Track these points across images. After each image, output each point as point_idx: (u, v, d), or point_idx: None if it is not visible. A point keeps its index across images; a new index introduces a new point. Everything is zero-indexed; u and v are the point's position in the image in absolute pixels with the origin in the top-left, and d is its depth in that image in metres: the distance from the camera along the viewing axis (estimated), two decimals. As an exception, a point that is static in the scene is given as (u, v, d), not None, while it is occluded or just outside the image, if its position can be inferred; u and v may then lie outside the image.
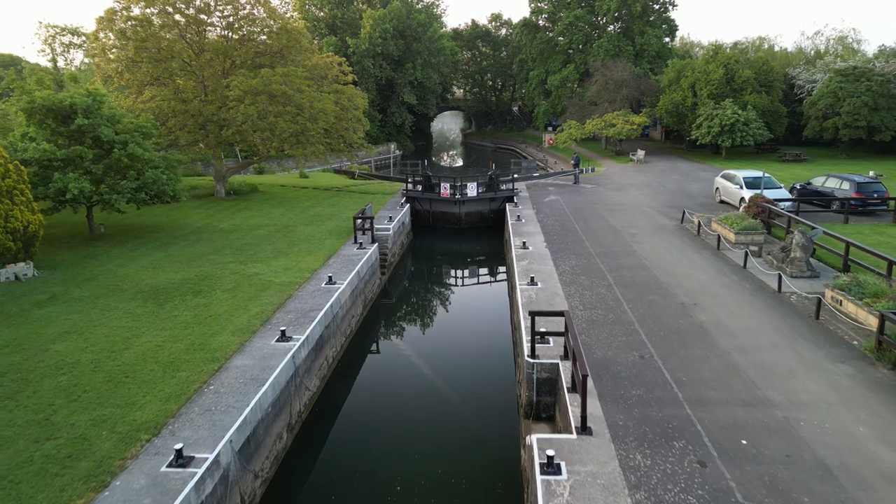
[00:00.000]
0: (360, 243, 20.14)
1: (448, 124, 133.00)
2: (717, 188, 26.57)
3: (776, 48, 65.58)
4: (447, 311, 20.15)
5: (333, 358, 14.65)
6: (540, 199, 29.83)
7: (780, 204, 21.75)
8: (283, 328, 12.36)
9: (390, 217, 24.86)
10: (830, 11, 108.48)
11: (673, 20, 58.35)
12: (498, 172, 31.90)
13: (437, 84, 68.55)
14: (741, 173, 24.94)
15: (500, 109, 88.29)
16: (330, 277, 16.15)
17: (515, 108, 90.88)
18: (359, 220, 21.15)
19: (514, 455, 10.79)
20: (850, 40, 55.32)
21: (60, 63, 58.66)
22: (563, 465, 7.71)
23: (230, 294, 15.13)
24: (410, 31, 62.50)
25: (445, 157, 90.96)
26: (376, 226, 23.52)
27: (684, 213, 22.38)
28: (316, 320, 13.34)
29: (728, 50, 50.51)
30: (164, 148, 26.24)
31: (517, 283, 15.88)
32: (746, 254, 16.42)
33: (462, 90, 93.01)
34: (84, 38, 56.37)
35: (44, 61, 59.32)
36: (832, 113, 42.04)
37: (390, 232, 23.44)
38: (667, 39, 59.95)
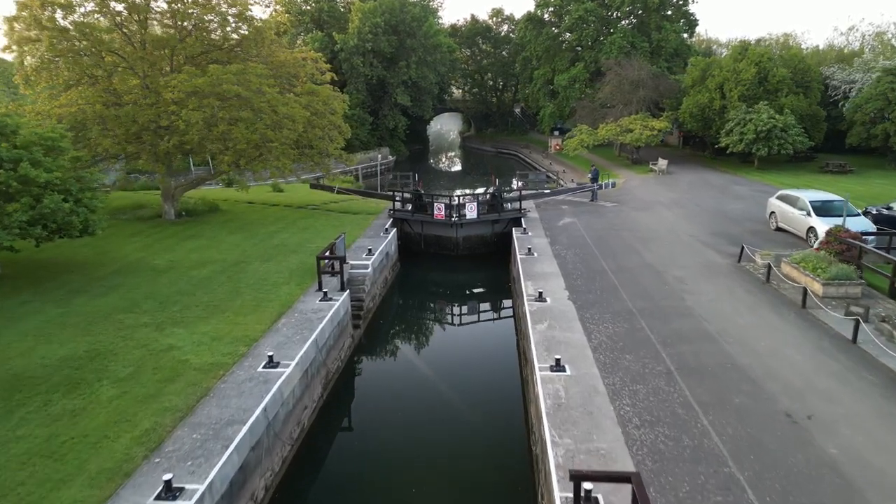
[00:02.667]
0: (326, 293, 15.59)
1: (446, 125, 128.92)
2: (773, 212, 22.09)
3: (803, 46, 61.31)
4: (440, 381, 15.57)
5: (265, 489, 10.10)
6: (553, 221, 25.33)
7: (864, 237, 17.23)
8: (168, 476, 7.80)
9: (370, 249, 20.34)
10: (862, 5, 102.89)
11: (692, 14, 54.09)
12: (502, 189, 27.40)
13: (434, 84, 64.17)
14: (805, 195, 20.47)
15: (502, 111, 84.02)
16: (271, 357, 11.61)
17: (517, 110, 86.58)
18: (326, 261, 16.65)
19: None
20: (890, 36, 50.97)
21: None
22: None
23: (120, 389, 10.60)
24: (404, 25, 58.10)
25: (443, 159, 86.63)
26: (353, 261, 19.09)
27: (743, 248, 17.88)
28: (233, 446, 8.82)
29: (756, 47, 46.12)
30: (90, 164, 21.74)
31: (535, 365, 11.38)
32: (857, 324, 11.90)
33: (461, 90, 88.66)
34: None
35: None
36: (881, 118, 37.61)
37: (369, 270, 18.95)
38: (685, 35, 55.61)
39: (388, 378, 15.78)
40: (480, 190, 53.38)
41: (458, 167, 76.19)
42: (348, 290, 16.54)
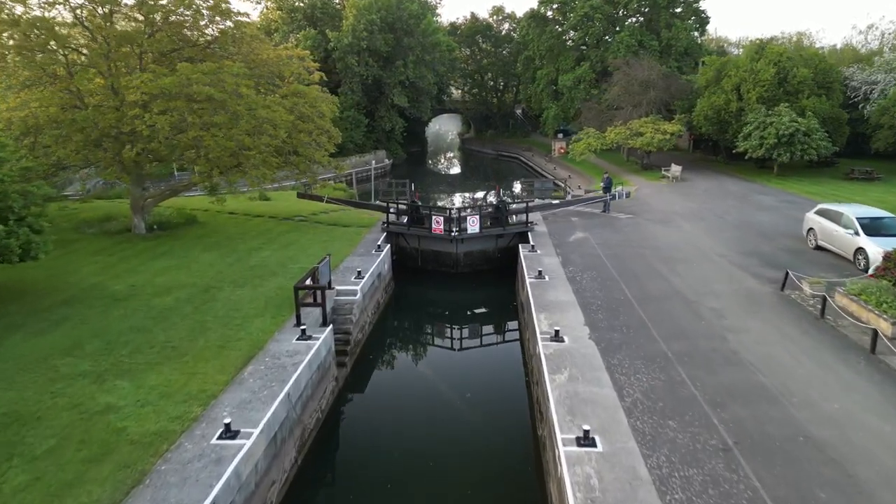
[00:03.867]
0: (304, 330, 13.37)
1: (445, 125, 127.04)
2: (811, 228, 19.93)
3: (817, 45, 59.30)
4: (438, 433, 13.33)
5: None
6: (563, 236, 23.14)
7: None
8: None
9: (359, 272, 18.11)
10: (880, 4, 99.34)
11: (703, 11, 52.03)
12: (507, 202, 25.20)
13: (432, 84, 62.03)
14: (851, 210, 18.31)
15: (503, 112, 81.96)
16: (228, 426, 9.40)
17: (519, 112, 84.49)
18: (307, 289, 14.44)
19: None
20: (912, 34, 48.86)
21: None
22: None
23: (32, 473, 8.38)
24: (401, 23, 55.96)
25: (442, 160, 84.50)
26: (340, 285, 16.93)
27: (787, 274, 15.69)
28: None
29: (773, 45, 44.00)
30: (51, 174, 19.54)
31: (557, 436, 9.18)
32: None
33: (460, 91, 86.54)
34: None
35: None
36: (911, 121, 35.53)
37: (358, 297, 16.75)
38: (695, 34, 53.53)
39: (377, 429, 13.53)
40: (481, 194, 51.38)
41: (457, 169, 74.11)
42: (332, 325, 14.32)
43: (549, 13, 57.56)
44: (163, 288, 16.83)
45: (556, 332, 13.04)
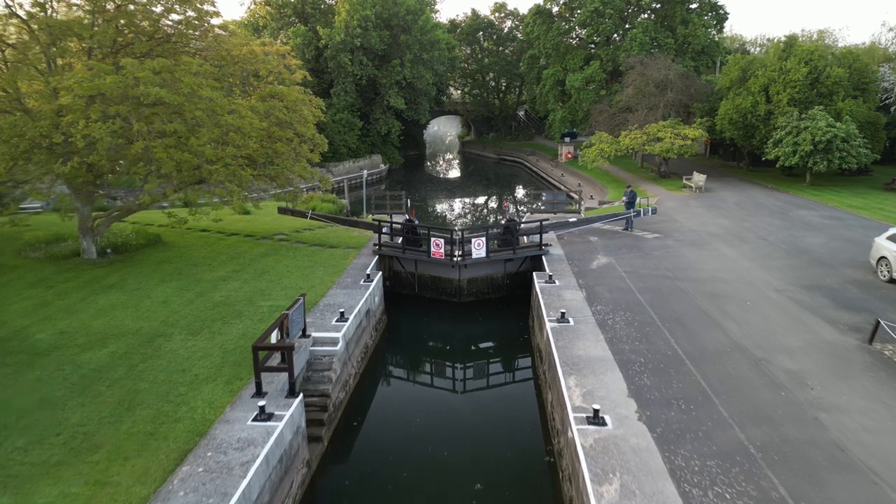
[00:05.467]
0: (263, 407, 10.30)
1: (444, 126, 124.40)
2: (883, 257, 16.92)
3: (840, 44, 56.51)
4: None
5: None
6: (584, 261, 20.11)
7: None
8: None
9: (342, 313, 15.02)
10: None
11: (721, 7, 49.07)
12: (518, 222, 22.15)
13: (431, 85, 59.02)
14: (938, 238, 15.29)
15: (504, 114, 79.04)
16: None
17: (521, 113, 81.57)
18: (269, 350, 11.35)
19: None
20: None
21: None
22: None
23: None
24: (397, 19, 53.00)
25: (441, 163, 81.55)
26: (318, 332, 13.97)
27: (877, 324, 12.64)
28: None
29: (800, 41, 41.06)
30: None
31: None
32: None
33: (460, 92, 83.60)
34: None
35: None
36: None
37: (339, 346, 13.72)
38: (711, 30, 50.57)
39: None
40: (482, 199, 48.46)
41: (456, 173, 71.19)
42: (302, 395, 11.25)
43: (556, 9, 54.61)
44: (99, 336, 13.77)
45: (595, 411, 9.99)
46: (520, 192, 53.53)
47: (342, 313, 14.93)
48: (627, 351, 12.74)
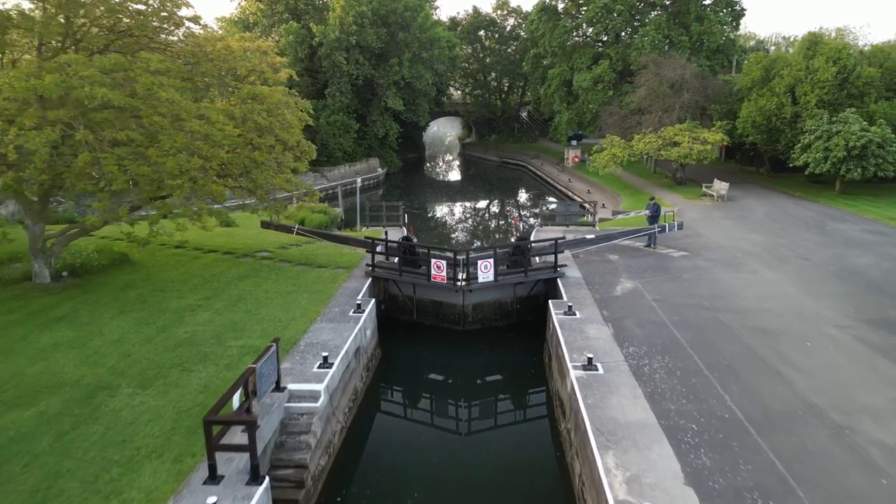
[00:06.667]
0: (217, 503, 7.98)
1: (444, 127, 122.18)
2: (960, 287, 14.60)
3: (861, 42, 54.30)
4: None
5: None
6: (605, 285, 17.80)
7: None
8: None
9: (325, 357, 12.68)
10: None
11: (737, 2, 46.78)
12: (529, 243, 19.83)
13: (431, 85, 56.71)
14: None
15: (507, 115, 76.80)
16: None
17: (524, 115, 79.31)
18: (224, 424, 9.03)
19: None
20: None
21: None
22: None
23: None
24: (395, 16, 50.76)
25: (441, 164, 79.30)
26: (296, 383, 11.75)
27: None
28: None
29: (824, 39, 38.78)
30: None
31: None
32: None
33: (461, 92, 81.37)
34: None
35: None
36: None
37: (321, 402, 11.44)
38: (726, 27, 48.30)
39: None
40: (484, 205, 46.19)
41: (457, 176, 68.98)
42: (268, 480, 8.92)
43: (562, 5, 52.34)
44: (31, 389, 11.45)
45: (649, 513, 7.67)
46: (523, 195, 51.31)
47: (325, 358, 12.59)
48: (674, 413, 10.42)
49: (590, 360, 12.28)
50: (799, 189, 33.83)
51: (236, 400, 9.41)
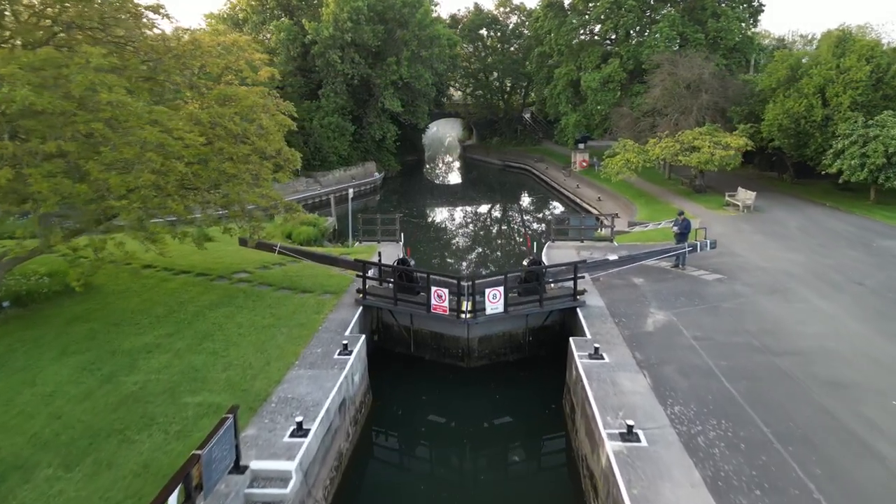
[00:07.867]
0: None
1: (444, 128, 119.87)
2: None
3: (884, 40, 51.88)
4: None
5: None
6: (633, 317, 15.43)
7: None
8: None
9: (300, 424, 10.28)
10: None
11: (755, -2, 44.53)
12: (545, 267, 17.42)
13: (430, 85, 54.33)
14: None
15: (509, 117, 74.44)
16: None
17: (527, 116, 76.96)
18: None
19: None
20: None
21: None
22: None
23: None
24: (393, 12, 48.41)
25: (441, 166, 76.95)
26: (259, 461, 9.38)
27: None
28: None
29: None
30: None
31: None
32: None
33: (461, 92, 79.05)
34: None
35: None
36: None
37: (290, 487, 9.14)
38: (743, 24, 45.99)
39: None
40: (484, 208, 43.71)
41: (458, 180, 66.65)
42: None
43: (569, 1, 50.02)
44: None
45: None
46: (528, 202, 48.99)
47: (300, 424, 10.20)
48: (748, 513, 8.05)
49: (630, 428, 9.90)
50: (828, 198, 31.51)
51: (173, 501, 7.08)
